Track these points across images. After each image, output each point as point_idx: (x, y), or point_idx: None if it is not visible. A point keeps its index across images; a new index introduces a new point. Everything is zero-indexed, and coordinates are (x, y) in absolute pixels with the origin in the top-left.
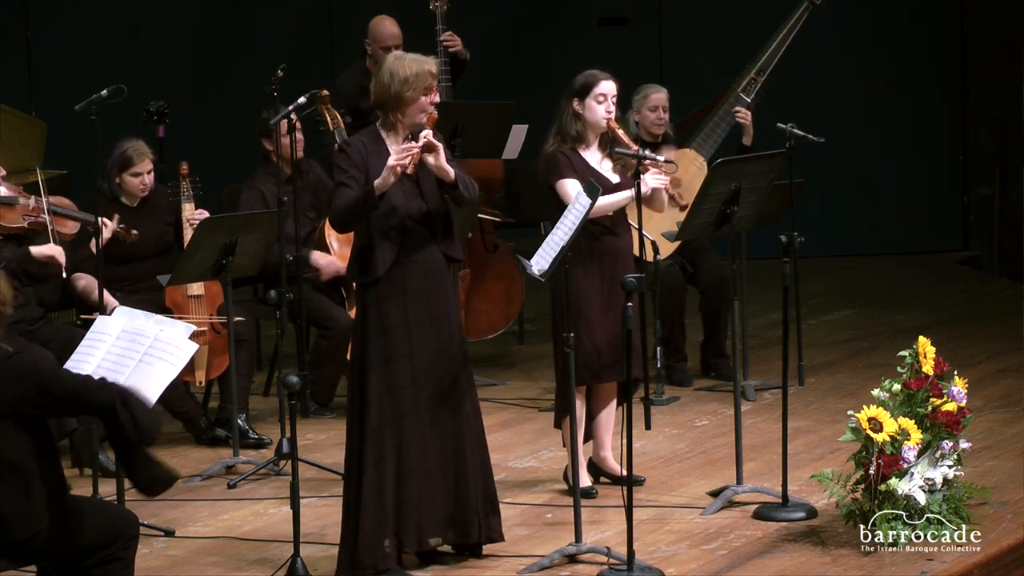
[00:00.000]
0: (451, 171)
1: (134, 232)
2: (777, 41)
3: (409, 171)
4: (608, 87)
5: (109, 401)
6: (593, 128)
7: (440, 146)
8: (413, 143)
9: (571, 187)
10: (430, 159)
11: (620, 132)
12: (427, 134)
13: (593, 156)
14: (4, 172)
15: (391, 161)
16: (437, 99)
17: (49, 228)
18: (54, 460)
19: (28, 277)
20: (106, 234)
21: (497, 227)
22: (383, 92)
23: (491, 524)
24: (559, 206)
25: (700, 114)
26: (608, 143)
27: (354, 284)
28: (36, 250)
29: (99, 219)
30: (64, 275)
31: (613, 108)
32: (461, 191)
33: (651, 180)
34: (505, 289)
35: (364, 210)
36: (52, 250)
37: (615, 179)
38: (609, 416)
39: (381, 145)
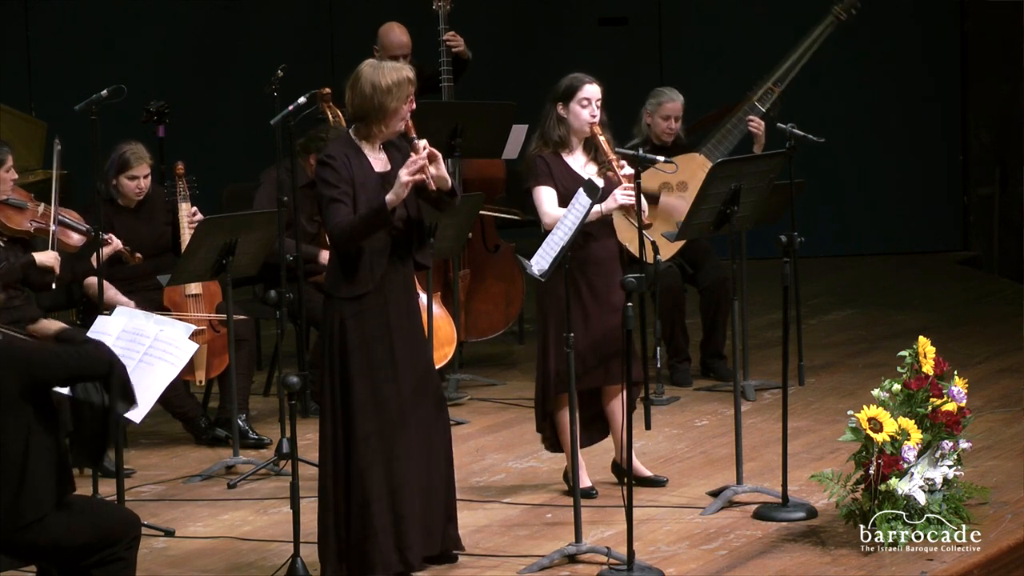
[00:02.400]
0: (450, 179)
1: (138, 255)
2: (798, 53)
3: (432, 186)
4: (592, 91)
5: (106, 369)
6: (577, 133)
7: (439, 155)
8: (419, 156)
9: (545, 195)
10: (432, 169)
11: (602, 138)
12: (425, 144)
13: (577, 160)
14: (16, 176)
15: (404, 177)
16: (413, 107)
17: (51, 236)
18: (55, 445)
19: (23, 284)
20: (108, 250)
21: (498, 227)
22: (366, 103)
23: (452, 534)
24: (535, 211)
25: (712, 118)
26: (592, 147)
27: (333, 297)
28: (40, 257)
29: (105, 234)
30: (54, 286)
31: (598, 112)
32: (457, 198)
33: (620, 197)
34: (505, 289)
35: (376, 227)
36: (53, 260)
37: (599, 184)
38: (618, 417)
39: (360, 155)
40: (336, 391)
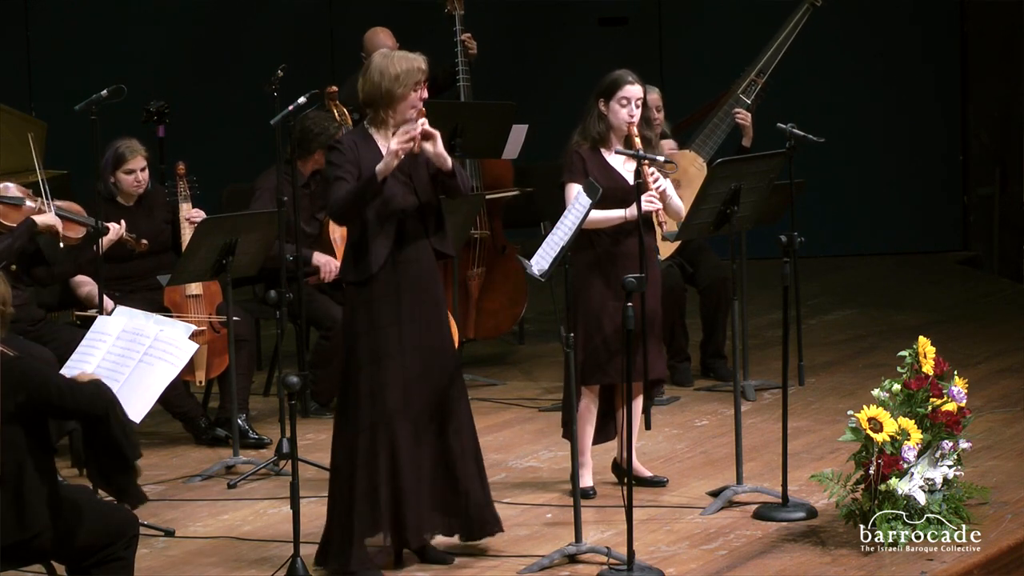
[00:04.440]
0: (448, 159)
1: (144, 241)
2: (778, 43)
3: (416, 150)
4: (632, 91)
5: (103, 410)
6: (616, 130)
7: (437, 133)
8: (413, 128)
9: (575, 193)
10: (428, 147)
11: (637, 140)
12: (424, 122)
13: (617, 157)
14: None
15: (393, 145)
16: (425, 95)
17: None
18: (50, 461)
19: (27, 262)
20: (112, 236)
21: (505, 227)
22: (374, 90)
23: (488, 518)
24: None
25: (700, 115)
26: (630, 145)
27: (344, 283)
28: (40, 219)
29: (106, 222)
30: (62, 244)
31: (636, 113)
32: (458, 181)
33: (644, 204)
34: (512, 290)
35: (366, 197)
36: (52, 219)
37: (599, 185)
38: (634, 415)
39: (371, 142)
40: (346, 378)
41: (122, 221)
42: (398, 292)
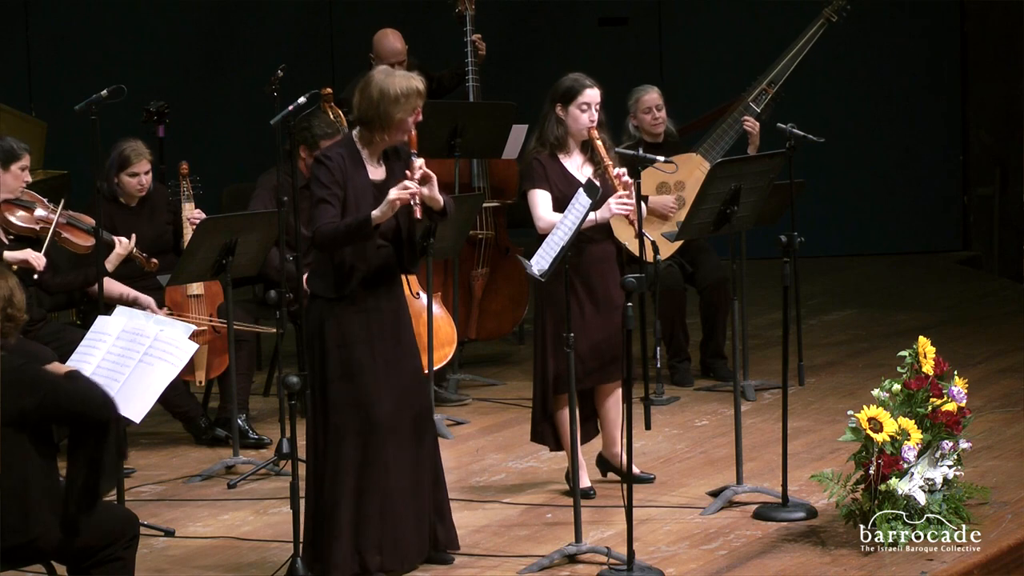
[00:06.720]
0: (441, 199)
1: (154, 261)
2: (791, 54)
3: (418, 215)
4: (592, 95)
5: (106, 420)
6: (575, 135)
7: (433, 176)
8: (412, 179)
9: (540, 199)
10: (424, 190)
11: (599, 142)
12: (421, 164)
13: (573, 162)
14: (30, 179)
15: (392, 196)
16: (420, 118)
17: (48, 238)
18: (52, 463)
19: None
20: (121, 250)
21: (509, 228)
22: (371, 109)
23: (441, 534)
24: (531, 213)
25: (708, 119)
26: (590, 149)
27: (312, 295)
28: (9, 255)
29: (118, 236)
30: (37, 277)
31: (596, 116)
32: (447, 217)
33: (615, 207)
34: (515, 292)
35: (357, 239)
36: (27, 254)
37: (598, 184)
38: (617, 413)
39: (358, 161)
40: (316, 391)
41: (133, 236)
42: (367, 309)
